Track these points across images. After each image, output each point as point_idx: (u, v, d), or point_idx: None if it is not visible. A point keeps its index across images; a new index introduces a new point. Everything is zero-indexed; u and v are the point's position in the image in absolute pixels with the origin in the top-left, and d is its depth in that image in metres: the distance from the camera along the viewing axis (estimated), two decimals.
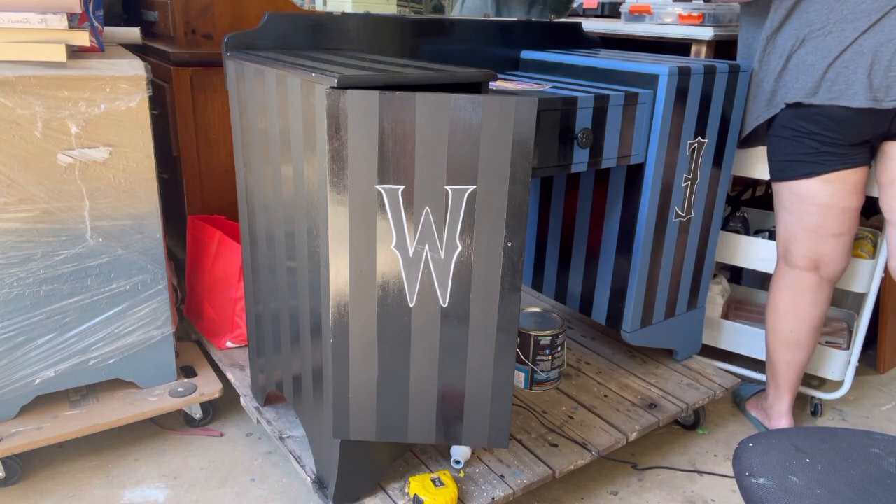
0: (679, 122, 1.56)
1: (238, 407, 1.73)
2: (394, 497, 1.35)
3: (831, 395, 1.92)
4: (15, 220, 1.41)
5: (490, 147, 1.03)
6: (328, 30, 1.53)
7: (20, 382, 1.51)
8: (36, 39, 1.33)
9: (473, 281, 1.11)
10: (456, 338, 1.14)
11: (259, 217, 1.44)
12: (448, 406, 1.18)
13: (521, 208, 1.07)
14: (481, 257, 1.09)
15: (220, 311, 1.86)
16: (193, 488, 1.57)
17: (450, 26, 1.69)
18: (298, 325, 1.34)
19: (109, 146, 1.46)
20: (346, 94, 0.99)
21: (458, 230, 1.07)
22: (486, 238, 1.08)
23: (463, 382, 1.16)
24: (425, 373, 1.16)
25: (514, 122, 1.01)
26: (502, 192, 1.06)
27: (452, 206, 1.06)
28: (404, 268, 1.09)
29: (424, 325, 1.13)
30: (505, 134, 1.02)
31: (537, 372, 1.71)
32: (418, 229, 1.07)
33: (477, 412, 1.19)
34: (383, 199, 1.05)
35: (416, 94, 0.99)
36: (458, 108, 1.01)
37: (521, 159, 1.03)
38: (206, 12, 1.93)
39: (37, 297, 1.47)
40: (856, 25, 1.47)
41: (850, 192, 1.59)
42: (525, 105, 1.01)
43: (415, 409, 1.18)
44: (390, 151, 1.03)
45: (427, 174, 1.04)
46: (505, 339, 1.14)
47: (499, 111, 1.01)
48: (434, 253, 1.08)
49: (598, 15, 3.03)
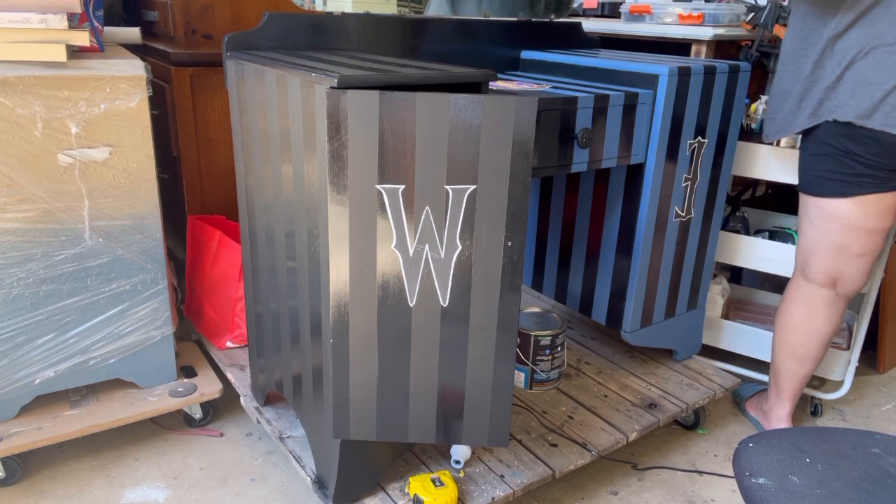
0: (679, 122, 1.56)
1: (238, 407, 1.73)
2: (394, 497, 1.35)
3: (831, 395, 1.92)
4: (15, 220, 1.41)
5: (490, 147, 1.03)
6: (328, 30, 1.53)
7: (20, 382, 1.51)
8: (36, 39, 1.33)
9: (474, 280, 1.11)
10: (456, 337, 1.14)
11: (259, 217, 1.44)
12: (448, 405, 1.18)
13: (520, 208, 1.07)
14: (481, 257, 1.09)
15: (220, 311, 1.86)
16: (193, 488, 1.57)
17: (450, 26, 1.69)
18: (298, 325, 1.33)
19: (109, 146, 1.46)
20: (347, 94, 0.99)
21: (458, 230, 1.07)
22: (486, 238, 1.08)
23: (463, 382, 1.16)
24: (425, 372, 1.16)
25: (513, 122, 1.01)
26: (502, 192, 1.05)
27: (453, 205, 1.06)
28: (404, 267, 1.09)
29: (424, 324, 1.13)
30: (505, 134, 1.02)
31: (537, 372, 1.71)
32: (418, 229, 1.07)
33: (477, 411, 1.19)
34: (384, 198, 1.05)
35: (416, 94, 0.99)
36: (459, 107, 1.01)
37: (521, 159, 1.03)
38: (206, 12, 1.93)
39: (37, 297, 1.47)
40: None
41: (881, 215, 1.49)
42: (525, 105, 1.01)
43: (415, 408, 1.18)
44: (390, 151, 1.03)
45: (427, 174, 1.04)
46: (505, 338, 1.14)
47: (499, 111, 1.01)
48: (434, 253, 1.08)
49: (598, 15, 3.03)
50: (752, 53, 2.81)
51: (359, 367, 1.15)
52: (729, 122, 1.68)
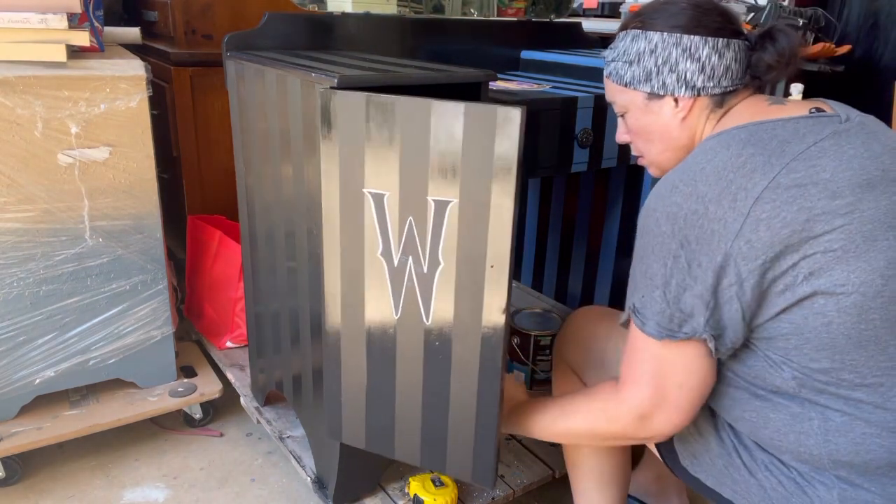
0: None
1: (238, 407, 1.73)
2: (394, 497, 1.35)
3: None
4: (15, 220, 1.41)
5: (472, 159, 0.92)
6: (328, 30, 1.53)
7: (20, 382, 1.51)
8: (36, 39, 1.33)
9: (455, 304, 0.99)
10: (438, 361, 1.03)
11: (259, 217, 1.44)
12: (432, 430, 1.08)
13: (504, 229, 0.92)
14: (462, 279, 0.97)
15: (220, 311, 1.86)
16: (193, 488, 1.57)
17: (450, 26, 1.69)
18: (298, 325, 1.33)
19: (109, 146, 1.45)
20: (336, 95, 0.97)
21: (440, 245, 0.97)
22: (467, 258, 0.96)
23: (446, 411, 1.06)
24: (410, 391, 1.07)
25: (496, 133, 0.89)
26: (483, 210, 0.93)
27: (435, 218, 0.96)
28: (390, 277, 1.02)
29: (408, 340, 1.04)
30: (487, 146, 0.90)
31: (537, 372, 1.71)
32: (402, 239, 0.99)
33: (460, 445, 1.07)
34: (370, 203, 1.00)
35: (398, 98, 0.94)
36: (440, 114, 0.91)
37: (504, 173, 0.90)
38: (206, 12, 1.93)
39: (37, 297, 1.47)
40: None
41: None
42: (510, 114, 0.88)
43: (400, 426, 1.11)
44: (377, 155, 0.98)
45: (410, 182, 0.97)
46: (487, 380, 1.01)
47: (481, 120, 0.89)
48: (417, 266, 0.99)
49: (598, 15, 3.03)
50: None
51: (349, 371, 1.11)
52: None
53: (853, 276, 0.82)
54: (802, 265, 0.83)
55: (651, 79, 0.98)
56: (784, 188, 0.83)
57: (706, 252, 0.85)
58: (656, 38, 0.97)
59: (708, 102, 0.98)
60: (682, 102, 0.98)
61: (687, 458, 1.03)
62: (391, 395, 1.08)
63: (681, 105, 0.98)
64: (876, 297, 0.82)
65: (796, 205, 0.82)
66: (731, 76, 0.96)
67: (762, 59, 0.96)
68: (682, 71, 0.96)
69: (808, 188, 0.83)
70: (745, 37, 0.98)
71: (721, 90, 0.97)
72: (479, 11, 2.18)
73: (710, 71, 0.96)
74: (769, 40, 0.96)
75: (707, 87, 0.96)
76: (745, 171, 0.84)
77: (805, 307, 0.84)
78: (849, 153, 0.86)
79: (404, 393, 1.07)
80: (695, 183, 0.86)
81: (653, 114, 1.01)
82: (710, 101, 0.98)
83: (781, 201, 0.82)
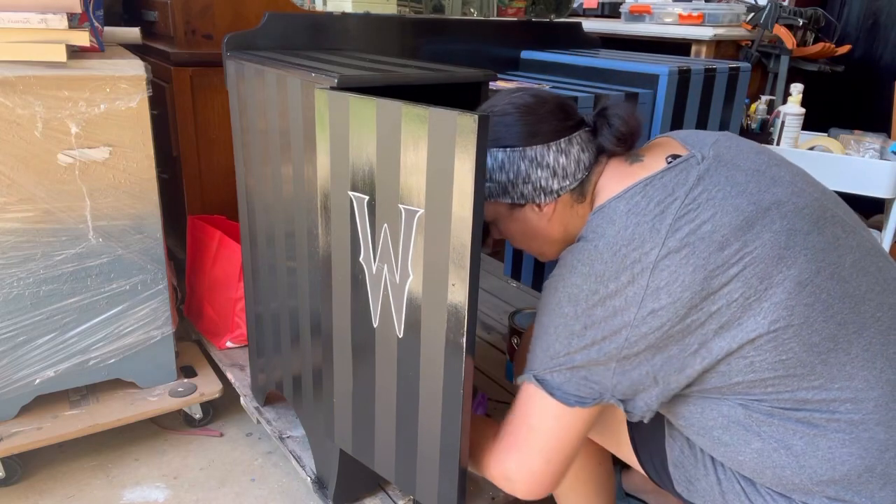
0: (679, 122, 1.56)
1: (238, 407, 1.73)
2: (394, 497, 1.35)
3: None
4: (15, 220, 1.41)
5: (436, 168, 0.86)
6: (328, 30, 1.53)
7: (20, 382, 1.51)
8: (36, 39, 1.33)
9: (422, 321, 0.94)
10: (409, 379, 0.98)
11: (259, 217, 1.44)
12: (404, 450, 1.04)
13: (463, 246, 0.85)
14: (428, 296, 0.92)
15: (220, 311, 1.86)
16: (193, 488, 1.57)
17: (450, 26, 1.69)
18: (298, 325, 1.33)
19: (109, 146, 1.46)
20: (326, 94, 0.97)
21: (410, 255, 0.92)
22: (432, 273, 0.90)
23: (415, 432, 1.01)
24: (386, 403, 1.04)
25: (456, 140, 0.82)
26: (445, 224, 0.86)
27: (405, 227, 0.92)
28: (369, 284, 1.00)
29: (385, 351, 1.01)
30: (448, 155, 0.83)
31: None
32: (379, 246, 0.97)
33: (427, 471, 1.01)
34: (353, 206, 0.99)
35: (374, 99, 0.91)
36: (410, 118, 0.86)
37: (466, 187, 0.83)
38: (206, 12, 1.93)
39: (37, 297, 1.47)
40: None
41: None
42: (470, 123, 0.80)
43: (379, 438, 1.08)
44: (359, 157, 0.96)
45: (385, 188, 0.93)
46: (450, 408, 0.94)
47: (443, 126, 0.83)
48: (391, 275, 0.96)
49: (598, 15, 3.03)
50: (752, 53, 2.81)
51: (340, 374, 1.10)
52: (729, 122, 1.68)
53: (759, 317, 0.83)
54: (710, 322, 0.84)
55: (508, 191, 0.98)
56: (675, 251, 0.84)
57: (610, 328, 0.86)
58: (501, 155, 0.97)
59: (569, 198, 0.99)
60: (545, 207, 0.99)
61: (682, 483, 1.03)
62: (371, 404, 1.07)
63: (544, 210, 0.99)
64: (787, 329, 0.83)
65: (690, 265, 0.83)
66: (583, 165, 0.97)
67: (606, 141, 0.97)
68: (536, 180, 0.97)
69: (696, 245, 0.84)
70: (585, 122, 0.99)
71: (578, 181, 0.97)
72: (479, 11, 2.18)
73: (561, 172, 0.96)
74: (605, 125, 0.97)
75: (564, 186, 0.97)
76: (636, 244, 0.85)
77: (724, 359, 0.86)
78: (718, 197, 0.87)
79: (382, 404, 1.05)
80: (591, 263, 0.87)
81: (519, 221, 1.02)
82: (571, 195, 0.98)
83: (676, 265, 0.84)
